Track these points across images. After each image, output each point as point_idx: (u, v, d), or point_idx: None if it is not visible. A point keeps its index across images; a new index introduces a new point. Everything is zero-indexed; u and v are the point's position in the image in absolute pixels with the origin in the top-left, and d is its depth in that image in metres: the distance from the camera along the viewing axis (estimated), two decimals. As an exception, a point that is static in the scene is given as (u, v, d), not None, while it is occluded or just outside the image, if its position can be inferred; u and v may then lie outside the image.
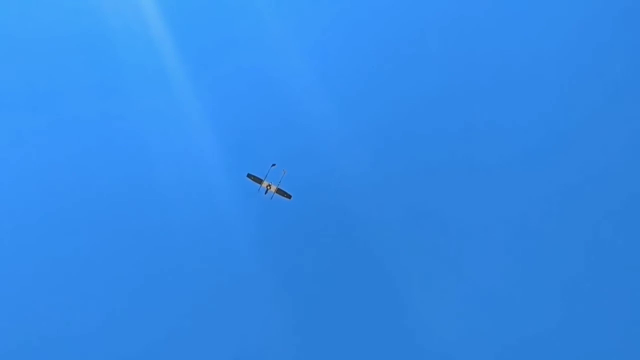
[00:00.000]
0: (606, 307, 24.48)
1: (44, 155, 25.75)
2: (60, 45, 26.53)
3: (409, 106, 26.71)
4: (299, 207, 23.39)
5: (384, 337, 24.85)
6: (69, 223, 25.28)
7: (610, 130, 25.58)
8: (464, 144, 26.17)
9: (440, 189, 25.87)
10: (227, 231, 25.29)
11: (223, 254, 25.29)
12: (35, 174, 25.47)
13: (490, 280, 25.23)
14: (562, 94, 26.18)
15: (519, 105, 26.33)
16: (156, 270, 25.18)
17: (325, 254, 25.51)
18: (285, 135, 26.11)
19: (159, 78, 26.53)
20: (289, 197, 21.87)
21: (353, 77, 26.95)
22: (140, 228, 25.42)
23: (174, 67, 26.54)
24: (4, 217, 24.96)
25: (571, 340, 24.26)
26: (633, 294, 24.35)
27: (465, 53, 26.95)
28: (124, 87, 26.54)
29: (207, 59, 26.88)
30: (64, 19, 26.64)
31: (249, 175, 21.74)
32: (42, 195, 25.34)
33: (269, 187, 21.72)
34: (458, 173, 25.90)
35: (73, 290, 24.72)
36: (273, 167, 21.52)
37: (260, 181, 21.69)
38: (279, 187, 21.74)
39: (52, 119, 26.07)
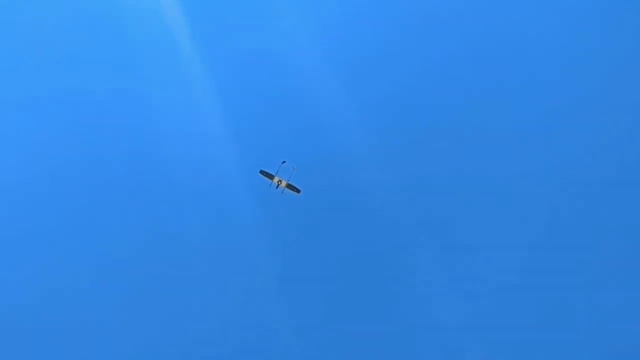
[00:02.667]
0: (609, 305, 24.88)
1: (50, 144, 25.90)
2: (72, 25, 26.73)
3: (421, 101, 27.06)
4: (307, 200, 24.29)
5: (390, 330, 25.36)
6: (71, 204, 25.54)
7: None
8: (476, 138, 26.59)
9: (449, 186, 26.36)
10: (236, 222, 26.01)
11: (232, 245, 25.99)
12: (39, 158, 25.69)
13: (502, 277, 25.58)
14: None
15: (528, 97, 26.65)
16: (163, 262, 25.61)
17: (329, 244, 26.21)
18: (294, 131, 26.79)
19: (172, 68, 26.88)
20: (298, 191, 23.32)
21: (365, 73, 27.31)
22: (147, 221, 25.86)
23: (187, 56, 26.91)
24: (10, 195, 25.26)
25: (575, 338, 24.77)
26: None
27: (479, 40, 27.08)
28: (137, 74, 26.74)
29: (220, 50, 27.14)
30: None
31: (261, 172, 23.23)
32: (47, 176, 25.61)
33: (279, 182, 23.20)
34: (468, 170, 26.37)
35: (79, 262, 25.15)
36: (283, 164, 22.99)
37: (271, 177, 23.19)
38: (289, 182, 23.24)
39: (62, 97, 26.21)
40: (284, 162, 23.01)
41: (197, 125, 26.67)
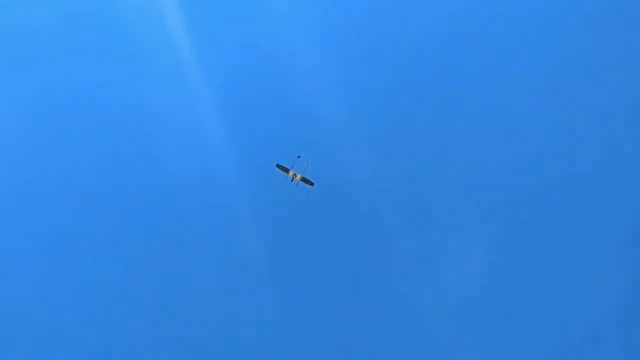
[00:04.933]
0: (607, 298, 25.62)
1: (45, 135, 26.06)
2: (70, 23, 26.73)
3: (418, 96, 27.51)
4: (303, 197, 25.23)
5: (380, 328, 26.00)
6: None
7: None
8: (473, 134, 27.11)
9: (445, 181, 26.96)
10: (232, 218, 26.61)
11: (231, 240, 26.66)
12: (37, 152, 25.84)
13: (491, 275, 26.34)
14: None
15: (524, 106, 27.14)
16: (165, 254, 26.09)
17: (324, 240, 27.03)
18: (292, 127, 27.38)
19: (170, 66, 26.96)
20: (312, 184, 24.32)
21: (371, 68, 27.82)
22: (146, 217, 26.26)
23: (185, 54, 27.11)
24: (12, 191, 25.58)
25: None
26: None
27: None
28: (138, 72, 26.97)
29: (220, 48, 27.41)
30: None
31: (277, 166, 24.21)
32: (45, 167, 25.81)
33: (294, 176, 24.21)
34: (472, 168, 26.99)
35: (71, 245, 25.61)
36: (298, 158, 23.92)
37: (287, 170, 24.16)
38: (303, 175, 24.26)
39: (60, 94, 26.30)
40: (299, 156, 23.93)
41: (196, 123, 27.14)
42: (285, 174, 24.40)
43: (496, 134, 27.05)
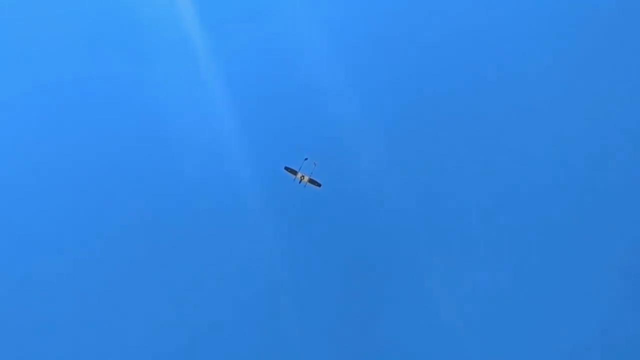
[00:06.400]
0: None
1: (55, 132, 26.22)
2: (83, 19, 27.04)
3: (433, 94, 27.29)
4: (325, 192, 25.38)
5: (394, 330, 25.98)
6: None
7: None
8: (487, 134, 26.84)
9: (458, 182, 26.74)
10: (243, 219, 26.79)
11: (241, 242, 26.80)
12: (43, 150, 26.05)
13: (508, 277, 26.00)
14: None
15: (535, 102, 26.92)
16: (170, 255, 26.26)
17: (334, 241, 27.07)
18: (303, 128, 27.46)
19: (183, 63, 27.08)
20: (319, 185, 24.97)
21: (380, 70, 27.65)
22: (154, 222, 26.35)
23: (198, 50, 27.27)
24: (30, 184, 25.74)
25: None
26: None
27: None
28: (149, 69, 27.06)
29: (232, 45, 27.45)
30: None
31: (285, 168, 24.88)
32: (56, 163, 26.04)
33: (302, 178, 24.87)
34: (487, 168, 26.69)
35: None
36: (305, 160, 24.61)
37: (295, 172, 24.82)
38: (310, 177, 24.93)
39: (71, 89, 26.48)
40: (306, 158, 24.63)
41: (205, 128, 27.40)
42: (293, 176, 25.06)
43: (512, 133, 26.88)
